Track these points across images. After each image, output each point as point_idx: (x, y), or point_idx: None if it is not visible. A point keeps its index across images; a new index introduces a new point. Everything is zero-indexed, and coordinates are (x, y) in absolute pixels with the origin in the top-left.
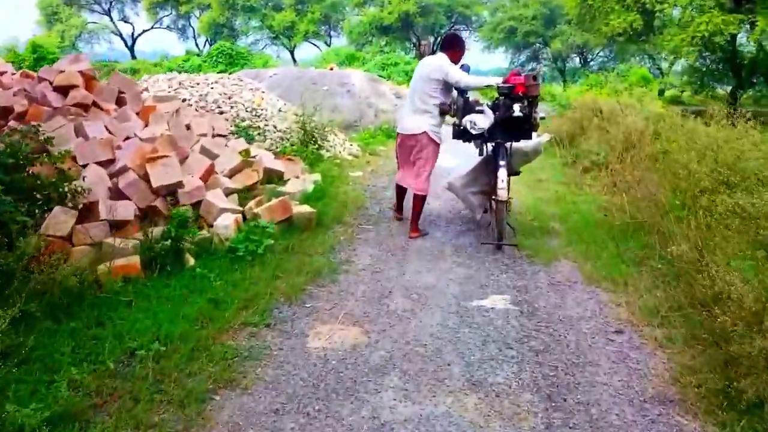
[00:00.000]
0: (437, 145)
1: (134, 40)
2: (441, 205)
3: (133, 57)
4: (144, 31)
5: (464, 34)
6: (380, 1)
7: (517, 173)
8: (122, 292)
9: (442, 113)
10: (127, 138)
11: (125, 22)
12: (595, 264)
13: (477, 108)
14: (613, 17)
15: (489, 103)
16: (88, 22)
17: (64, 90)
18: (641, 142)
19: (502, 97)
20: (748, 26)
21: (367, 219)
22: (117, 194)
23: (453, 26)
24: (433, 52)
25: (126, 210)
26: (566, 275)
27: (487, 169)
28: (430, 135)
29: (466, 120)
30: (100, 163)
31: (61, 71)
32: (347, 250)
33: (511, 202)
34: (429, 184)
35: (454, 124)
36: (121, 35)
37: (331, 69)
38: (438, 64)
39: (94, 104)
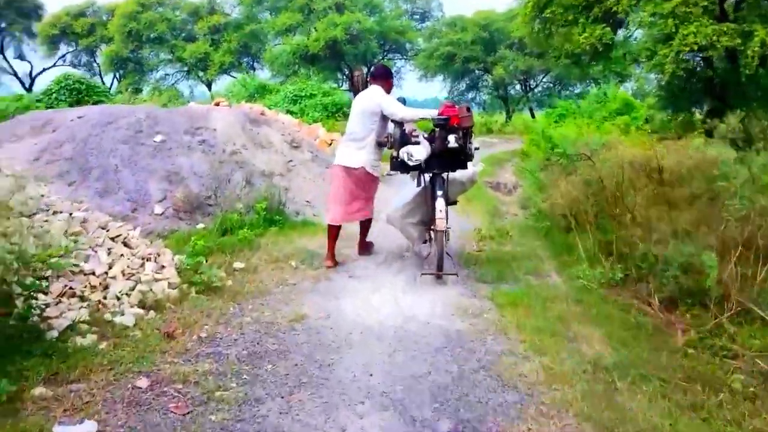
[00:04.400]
0: (376, 178)
1: (32, 80)
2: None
3: None
4: (45, 69)
5: (399, 63)
6: (305, 28)
7: (454, 203)
8: None
9: (380, 145)
10: None
11: (22, 59)
12: None
13: (413, 139)
14: (576, 31)
15: (425, 135)
16: None
17: None
18: None
19: (437, 129)
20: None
21: None
22: None
23: (386, 55)
24: (366, 83)
25: None
26: None
27: (424, 199)
28: (368, 170)
29: (403, 152)
30: None
31: None
32: None
33: (449, 232)
34: (372, 209)
35: (391, 156)
36: (16, 74)
37: (217, 105)
38: (374, 97)
39: None
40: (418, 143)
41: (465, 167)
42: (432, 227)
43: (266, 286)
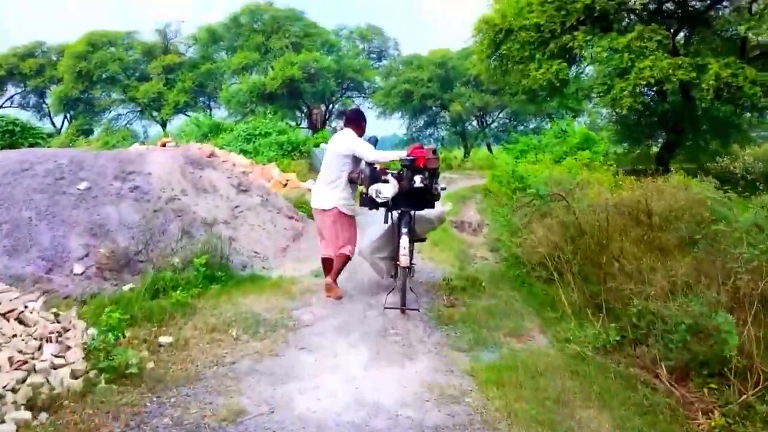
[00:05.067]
0: (351, 217)
1: None
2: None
3: None
4: None
5: (357, 101)
6: (262, 67)
7: (423, 240)
8: None
9: (351, 182)
10: None
11: None
12: None
13: (383, 177)
14: (533, 67)
15: (395, 173)
16: None
17: None
18: None
19: (405, 169)
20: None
21: None
22: None
23: (344, 93)
24: (324, 121)
25: None
26: None
27: (393, 236)
28: (341, 209)
29: (372, 189)
30: None
31: None
32: None
33: (413, 268)
34: (353, 247)
35: (361, 193)
36: None
37: (163, 146)
38: (346, 141)
39: None
40: (387, 182)
41: (432, 206)
42: (396, 263)
43: (197, 367)
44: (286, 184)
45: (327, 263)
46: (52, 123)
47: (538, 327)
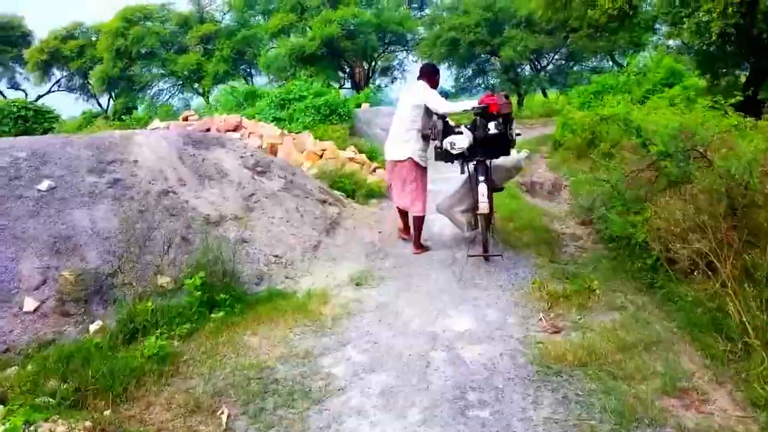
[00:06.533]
0: (424, 168)
1: None
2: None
3: None
4: (39, 96)
5: (401, 55)
6: (300, 28)
7: (501, 189)
8: None
9: (425, 138)
10: None
11: (16, 89)
12: None
13: (456, 130)
14: None
15: (468, 125)
16: None
17: None
18: None
19: (478, 118)
20: None
21: None
22: None
23: (387, 47)
24: (368, 80)
25: None
26: None
27: (470, 187)
28: (415, 160)
29: (447, 141)
30: None
31: None
32: None
33: (494, 215)
34: (425, 205)
35: (435, 147)
36: None
37: (185, 120)
38: (419, 93)
39: None
40: (460, 133)
41: (507, 153)
42: (476, 212)
43: None
44: (321, 155)
45: (401, 211)
46: (99, 104)
47: (705, 370)
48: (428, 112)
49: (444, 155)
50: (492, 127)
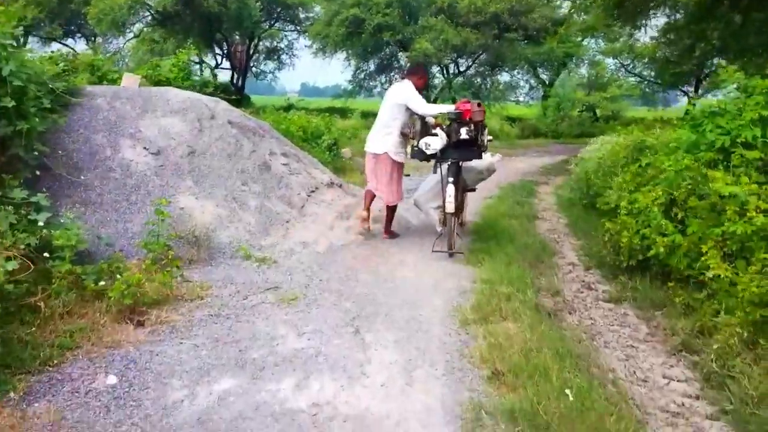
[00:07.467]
0: (400, 164)
1: None
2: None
3: None
4: None
5: (292, 36)
6: None
7: (473, 189)
8: None
9: (404, 136)
10: None
11: None
12: None
13: (432, 131)
14: None
15: (444, 127)
16: None
17: None
18: None
19: (452, 122)
20: None
21: None
22: None
23: (273, 23)
24: (247, 62)
25: None
26: None
27: (443, 186)
28: (390, 155)
29: (422, 142)
30: None
31: None
32: None
33: (460, 215)
34: (399, 195)
35: (412, 145)
36: None
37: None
38: (403, 91)
39: None
40: (435, 135)
41: (479, 157)
42: (443, 210)
43: None
44: None
45: (368, 195)
46: None
47: None
48: (409, 110)
49: (419, 154)
50: (463, 132)
